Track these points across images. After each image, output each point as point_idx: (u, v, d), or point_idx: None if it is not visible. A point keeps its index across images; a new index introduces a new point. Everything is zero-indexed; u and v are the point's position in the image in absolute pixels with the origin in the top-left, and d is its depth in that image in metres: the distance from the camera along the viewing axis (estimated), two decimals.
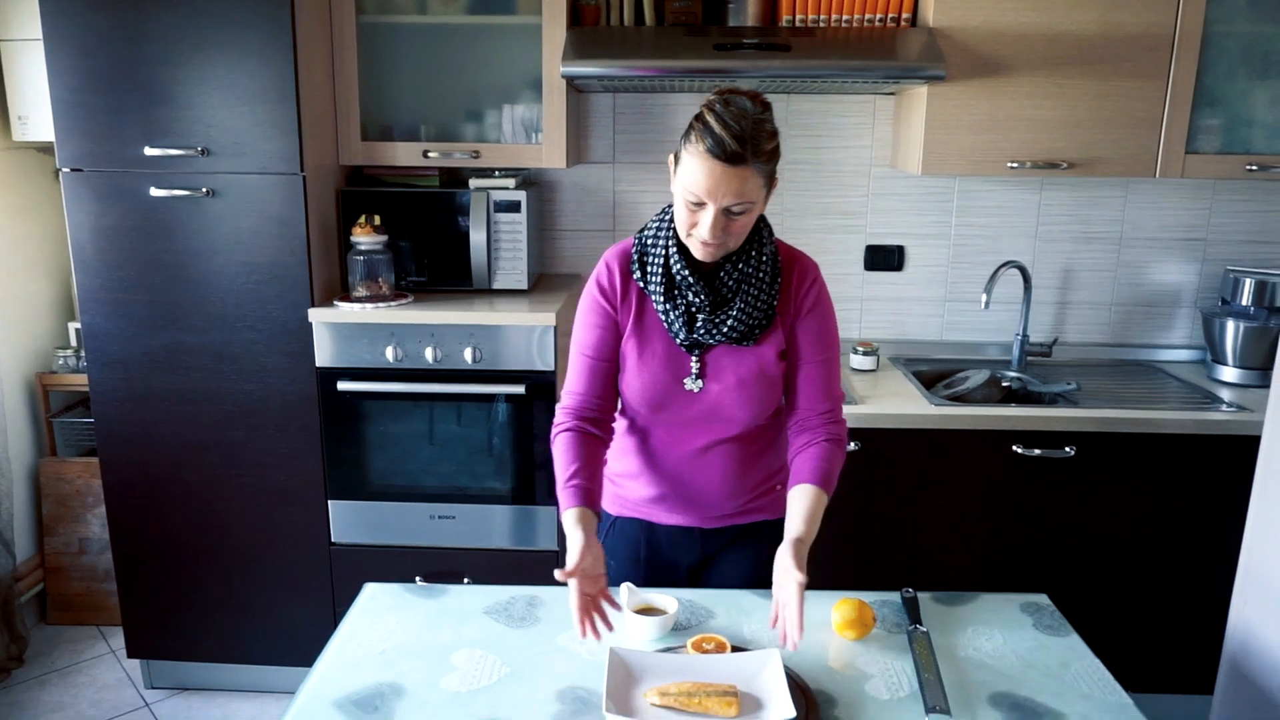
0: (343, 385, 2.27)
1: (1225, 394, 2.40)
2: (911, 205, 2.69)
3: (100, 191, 2.22)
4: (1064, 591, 2.32)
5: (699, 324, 1.48)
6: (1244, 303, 2.50)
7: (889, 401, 2.30)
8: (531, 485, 2.35)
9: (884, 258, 2.72)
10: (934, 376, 2.63)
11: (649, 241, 1.53)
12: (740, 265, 1.49)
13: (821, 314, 1.56)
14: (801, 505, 1.45)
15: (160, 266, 2.25)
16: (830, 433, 1.53)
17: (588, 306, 1.57)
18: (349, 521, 2.39)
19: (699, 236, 1.41)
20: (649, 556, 1.65)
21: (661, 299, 1.49)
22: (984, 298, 2.48)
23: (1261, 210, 2.65)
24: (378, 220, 2.33)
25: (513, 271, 2.42)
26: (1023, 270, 2.59)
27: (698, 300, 1.48)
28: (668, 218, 1.52)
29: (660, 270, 1.49)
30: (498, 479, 2.35)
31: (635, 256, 1.53)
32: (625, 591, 1.46)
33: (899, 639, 1.41)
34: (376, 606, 1.50)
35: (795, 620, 1.28)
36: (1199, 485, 2.25)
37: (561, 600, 1.52)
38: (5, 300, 2.75)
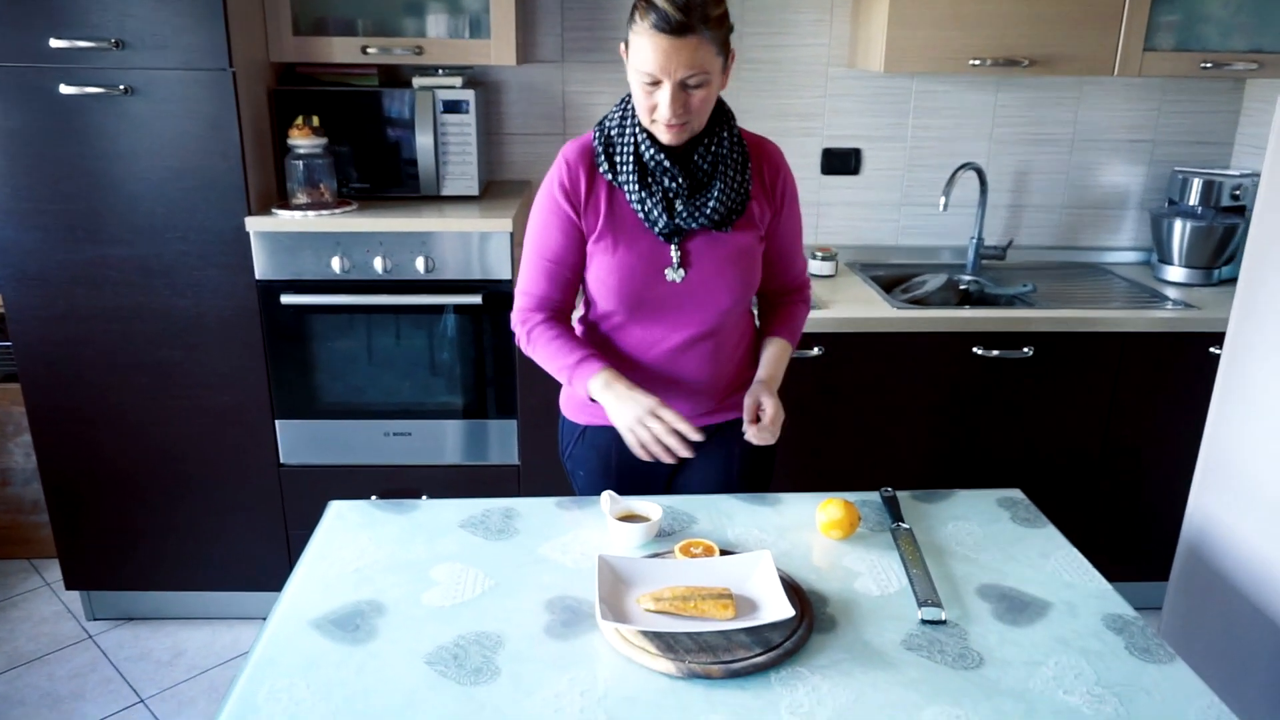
0: (286, 299, 2.14)
1: (1172, 293, 2.45)
2: (868, 107, 2.63)
3: (2, 89, 2.01)
4: (1029, 488, 2.37)
5: (679, 209, 1.43)
6: (1191, 203, 2.53)
7: (850, 306, 2.28)
8: (488, 399, 2.28)
9: (841, 161, 2.67)
10: (892, 281, 2.62)
11: (613, 132, 1.45)
12: (714, 147, 1.45)
13: (793, 202, 1.58)
14: (770, 353, 1.58)
15: (77, 173, 2.07)
16: (800, 295, 1.66)
17: (546, 208, 1.49)
18: (298, 441, 2.29)
19: (661, 119, 1.37)
20: (620, 465, 1.62)
21: (636, 188, 1.43)
22: (943, 200, 2.46)
23: (1208, 110, 2.67)
24: (316, 121, 2.17)
25: (462, 177, 2.30)
26: (979, 173, 2.58)
27: (675, 185, 1.42)
28: (629, 107, 1.45)
29: (630, 159, 1.43)
30: (454, 393, 2.27)
31: (600, 149, 1.46)
32: (607, 499, 1.42)
33: (883, 537, 1.41)
34: (344, 525, 1.44)
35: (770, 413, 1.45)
36: (1151, 381, 2.30)
37: (539, 511, 1.47)
38: None
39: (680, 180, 1.42)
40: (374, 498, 2.29)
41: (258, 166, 2.16)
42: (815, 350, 2.22)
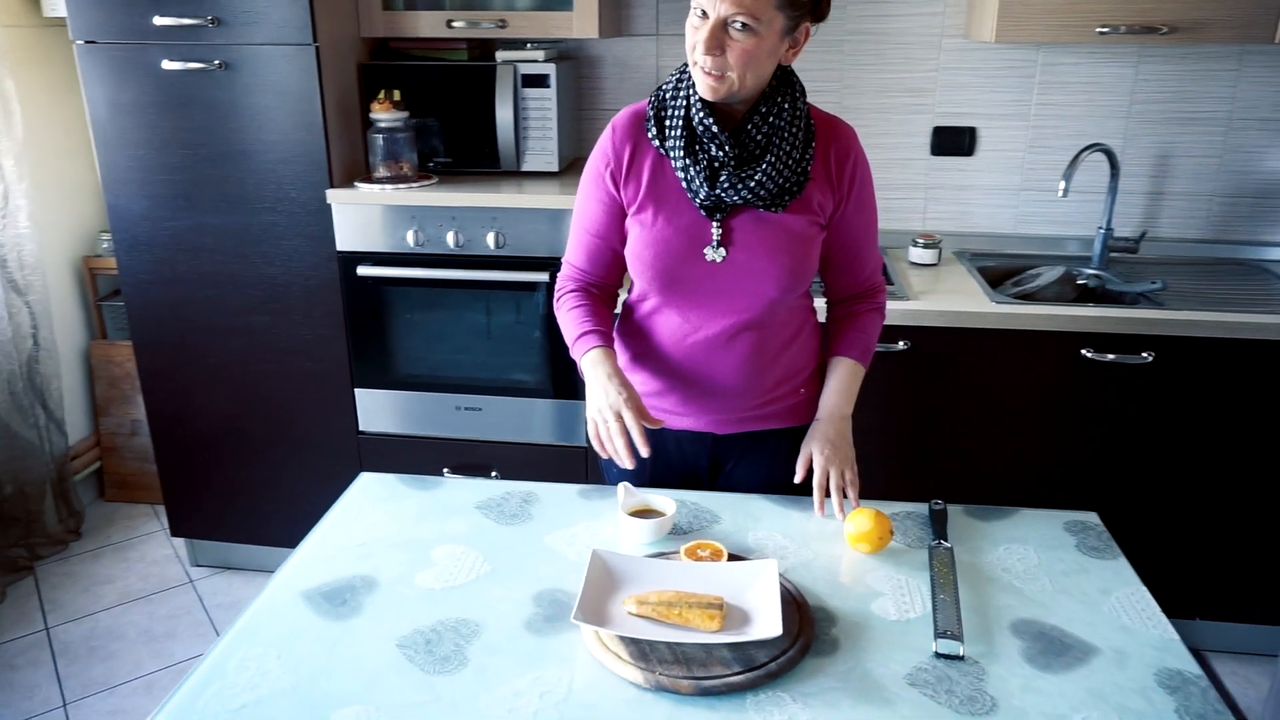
0: (362, 270, 2.18)
1: None
2: (986, 81, 2.40)
3: (114, 65, 2.13)
4: (1122, 512, 2.14)
5: (722, 180, 1.32)
6: None
7: (945, 298, 2.09)
8: (561, 379, 2.25)
9: (953, 141, 2.46)
10: (1002, 273, 2.39)
11: (667, 96, 1.36)
12: (771, 118, 1.32)
13: (865, 192, 1.42)
14: (835, 381, 1.45)
15: (179, 144, 2.17)
16: (872, 302, 1.50)
17: (589, 178, 1.42)
18: (376, 410, 2.34)
19: (698, 60, 1.26)
20: (656, 462, 1.52)
21: (681, 154, 1.33)
22: (1062, 185, 2.22)
23: None
24: (397, 95, 2.19)
25: (542, 152, 2.26)
26: (1110, 155, 2.30)
27: (721, 154, 1.31)
28: (687, 71, 1.34)
29: (680, 123, 1.33)
30: (524, 371, 2.25)
31: (651, 114, 1.37)
32: (621, 491, 1.35)
33: (919, 555, 1.28)
34: (367, 497, 1.44)
35: (846, 496, 1.35)
36: None
37: (559, 499, 1.42)
38: (49, 183, 2.73)
39: (728, 150, 1.31)
40: (446, 471, 2.33)
41: (343, 140, 2.20)
42: (900, 344, 2.05)
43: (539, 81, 2.20)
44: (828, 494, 1.37)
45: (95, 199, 2.91)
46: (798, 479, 1.39)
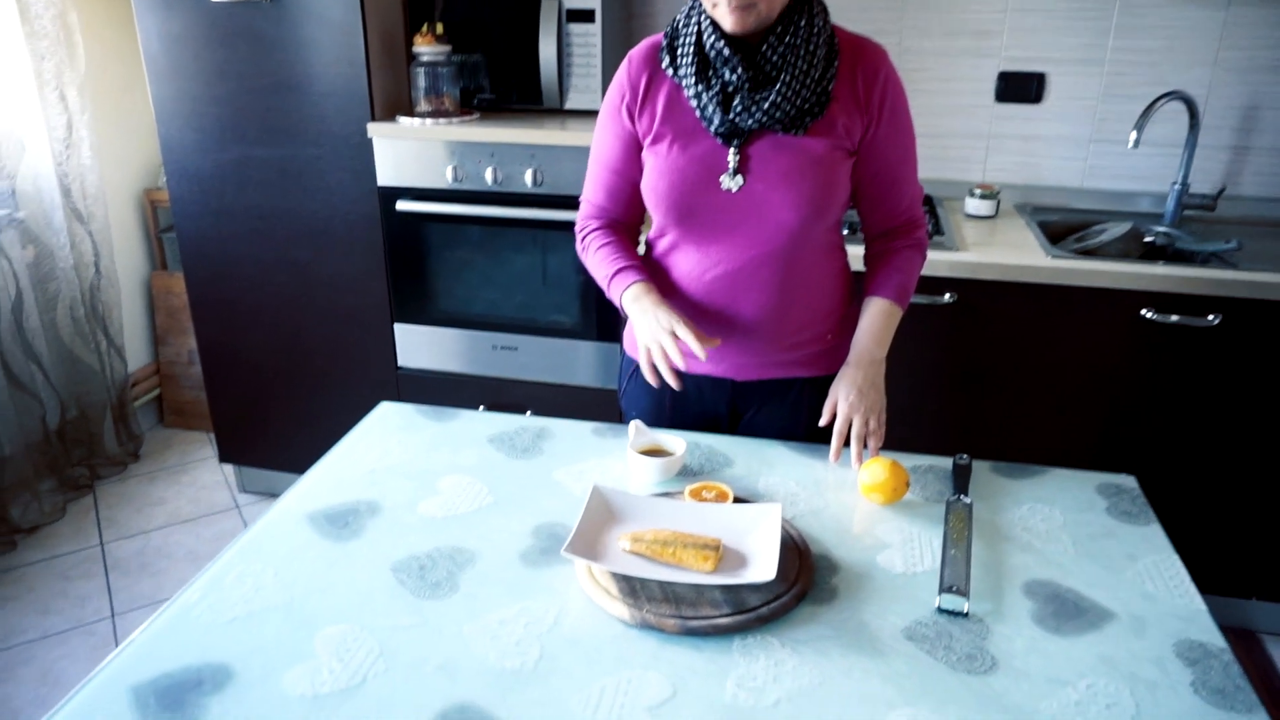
0: (402, 205, 2.18)
1: None
2: (1058, 24, 2.26)
3: None
4: (1174, 484, 2.03)
5: (736, 103, 1.26)
6: None
7: (998, 251, 1.99)
8: (598, 321, 2.22)
9: (1020, 87, 2.32)
10: (1064, 229, 2.27)
11: (680, 23, 1.30)
12: (786, 38, 1.24)
13: (898, 114, 1.32)
14: (867, 321, 1.38)
15: (226, 77, 2.19)
16: (910, 238, 1.40)
17: (606, 113, 1.38)
18: (415, 346, 2.35)
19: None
20: (675, 408, 1.49)
21: (693, 80, 1.28)
22: (1133, 135, 2.08)
23: None
24: (440, 29, 2.16)
25: (585, 90, 2.22)
26: (1190, 105, 2.15)
27: (735, 77, 1.25)
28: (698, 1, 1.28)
29: (691, 49, 1.27)
30: (562, 312, 2.23)
31: (665, 44, 1.32)
32: (632, 429, 1.32)
33: (936, 509, 1.22)
34: (383, 426, 1.44)
35: (866, 446, 1.29)
36: None
37: (572, 435, 1.41)
38: (112, 115, 2.79)
39: (740, 72, 1.24)
40: (481, 408, 2.33)
41: (386, 74, 2.19)
42: (947, 296, 1.97)
43: (584, 16, 2.15)
44: (848, 442, 1.32)
45: (155, 132, 2.95)
46: (822, 422, 1.34)
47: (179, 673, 0.92)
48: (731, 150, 1.29)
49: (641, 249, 1.47)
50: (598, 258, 1.40)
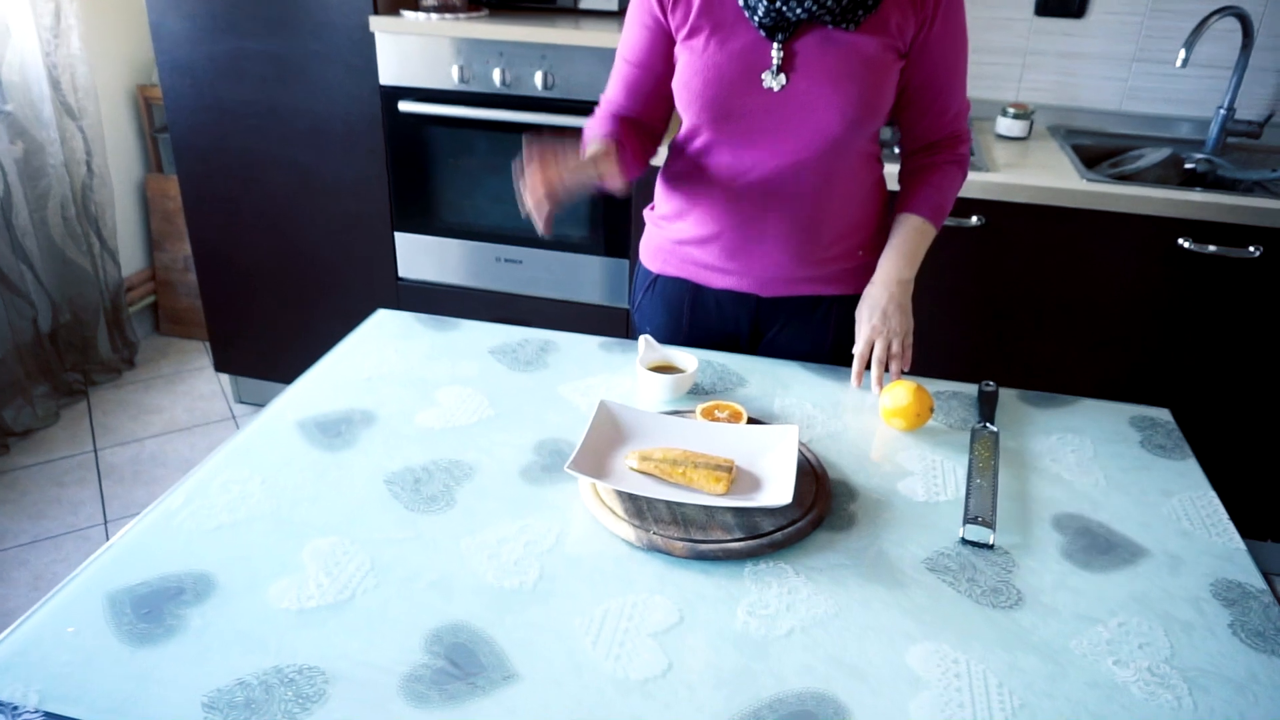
0: (404, 106, 2.07)
1: None
2: None
3: None
4: (1208, 421, 1.97)
5: None
6: None
7: (1030, 173, 1.89)
8: (601, 236, 2.14)
9: (1062, 0, 2.18)
10: (1099, 153, 2.16)
11: None
12: None
13: (955, 13, 1.22)
14: (898, 239, 1.29)
15: None
16: (953, 153, 1.31)
17: (635, 3, 1.27)
18: (416, 256, 2.27)
19: None
20: (693, 323, 1.42)
21: None
22: (1181, 54, 1.95)
23: None
24: None
25: None
26: (1244, 22, 2.02)
27: None
28: None
29: None
30: (569, 224, 2.14)
31: None
32: (642, 344, 1.25)
33: (960, 437, 1.16)
34: (380, 333, 1.38)
35: (889, 370, 1.24)
36: None
37: (578, 349, 1.34)
38: (100, 3, 2.65)
39: None
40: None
41: None
42: (974, 219, 1.88)
43: None
44: (870, 365, 1.25)
45: (147, 22, 2.82)
46: (854, 350, 1.27)
47: (158, 581, 0.87)
48: (775, 45, 1.18)
49: (660, 157, 1.38)
50: (588, 129, 1.29)
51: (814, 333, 1.38)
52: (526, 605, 0.86)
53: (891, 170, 1.37)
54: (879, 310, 1.26)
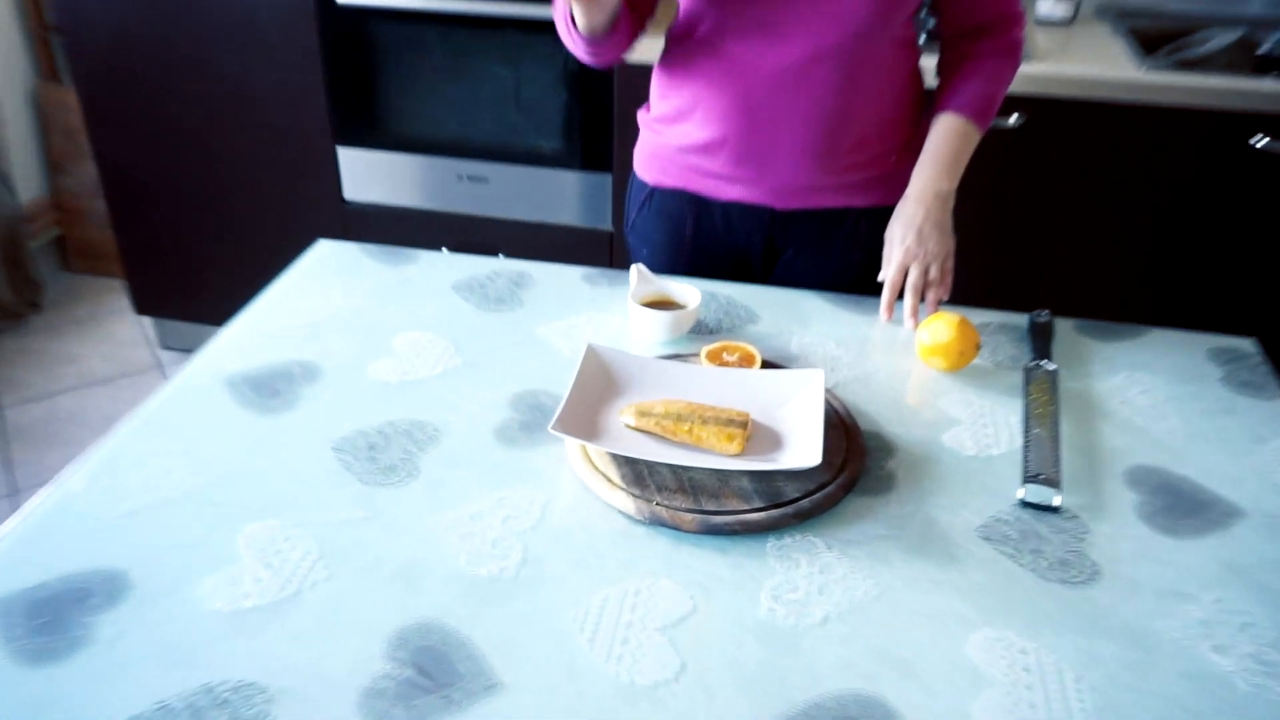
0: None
1: None
2: None
3: None
4: None
5: None
6: None
7: (1077, 63, 1.80)
8: (587, 147, 2.04)
9: None
10: (1158, 37, 2.07)
11: None
12: None
13: None
14: (935, 141, 1.22)
15: None
16: (1004, 39, 1.23)
17: None
18: (363, 175, 2.17)
19: None
20: (697, 243, 1.36)
21: None
22: None
23: None
24: None
25: None
26: None
27: None
28: None
29: None
30: (542, 135, 2.05)
31: None
32: (635, 276, 1.18)
33: (1012, 378, 1.10)
34: (323, 269, 1.29)
35: (926, 299, 1.17)
36: None
37: (559, 282, 1.27)
38: None
39: None
40: (444, 250, 2.18)
41: None
42: (1013, 118, 1.80)
43: None
44: (903, 295, 1.19)
45: None
46: (882, 276, 1.21)
47: (58, 583, 0.80)
48: None
49: (653, 51, 1.28)
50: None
51: (838, 254, 1.32)
52: (509, 597, 0.80)
53: (930, 63, 1.29)
54: (914, 229, 1.19)
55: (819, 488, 0.90)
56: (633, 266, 1.19)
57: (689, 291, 1.17)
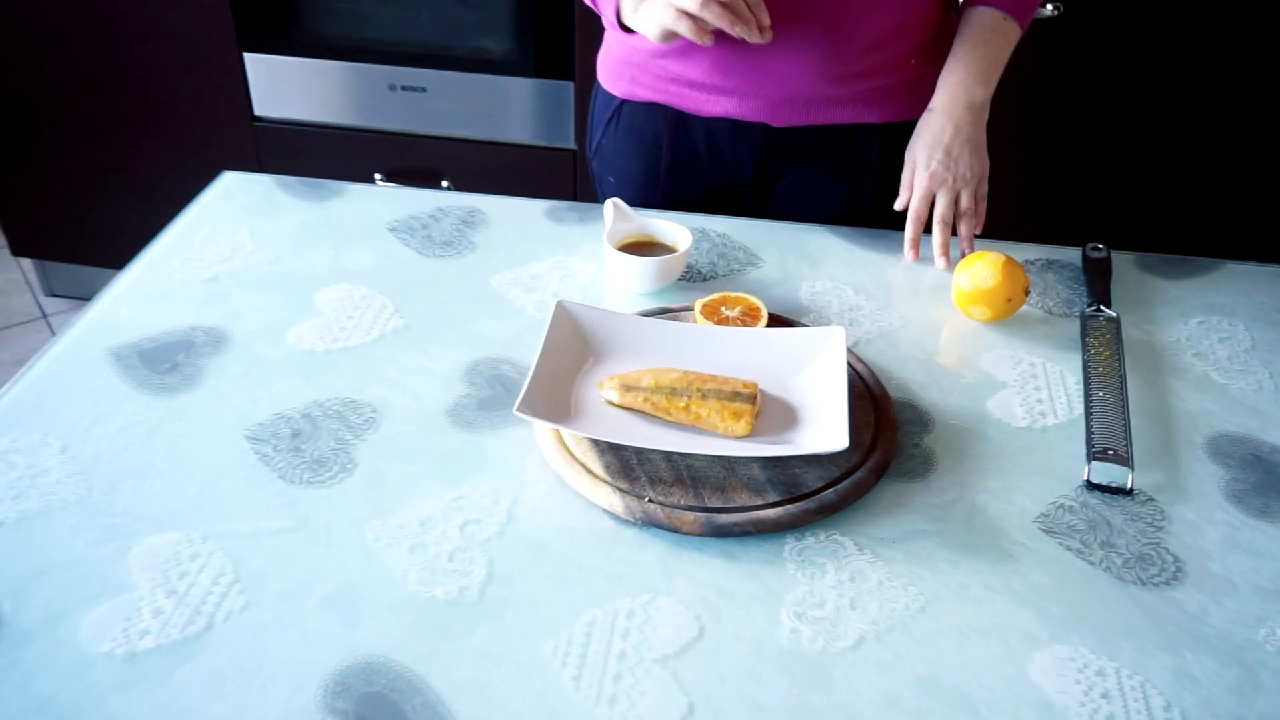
0: None
1: None
2: None
3: None
4: None
5: None
6: None
7: None
8: (543, 48, 1.96)
9: None
10: None
11: None
12: None
13: None
14: (966, 42, 1.16)
15: None
16: None
17: None
18: (276, 87, 2.09)
19: None
20: (675, 171, 1.29)
21: None
22: None
23: None
24: None
25: None
26: None
27: None
28: None
29: None
30: (490, 35, 1.97)
31: None
32: (610, 213, 1.10)
33: (1066, 327, 1.05)
34: (228, 208, 1.21)
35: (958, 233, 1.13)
36: None
37: (518, 219, 1.20)
38: None
39: None
40: (378, 179, 2.11)
41: None
42: (1048, 8, 1.75)
43: None
44: (930, 229, 1.14)
45: None
46: (899, 204, 1.16)
47: None
48: None
49: None
50: None
51: (847, 181, 1.27)
52: (472, 625, 0.73)
53: None
54: (941, 148, 1.13)
55: (845, 474, 0.83)
56: (608, 201, 1.11)
57: (677, 231, 1.09)
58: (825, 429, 0.85)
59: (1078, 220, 1.93)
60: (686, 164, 1.28)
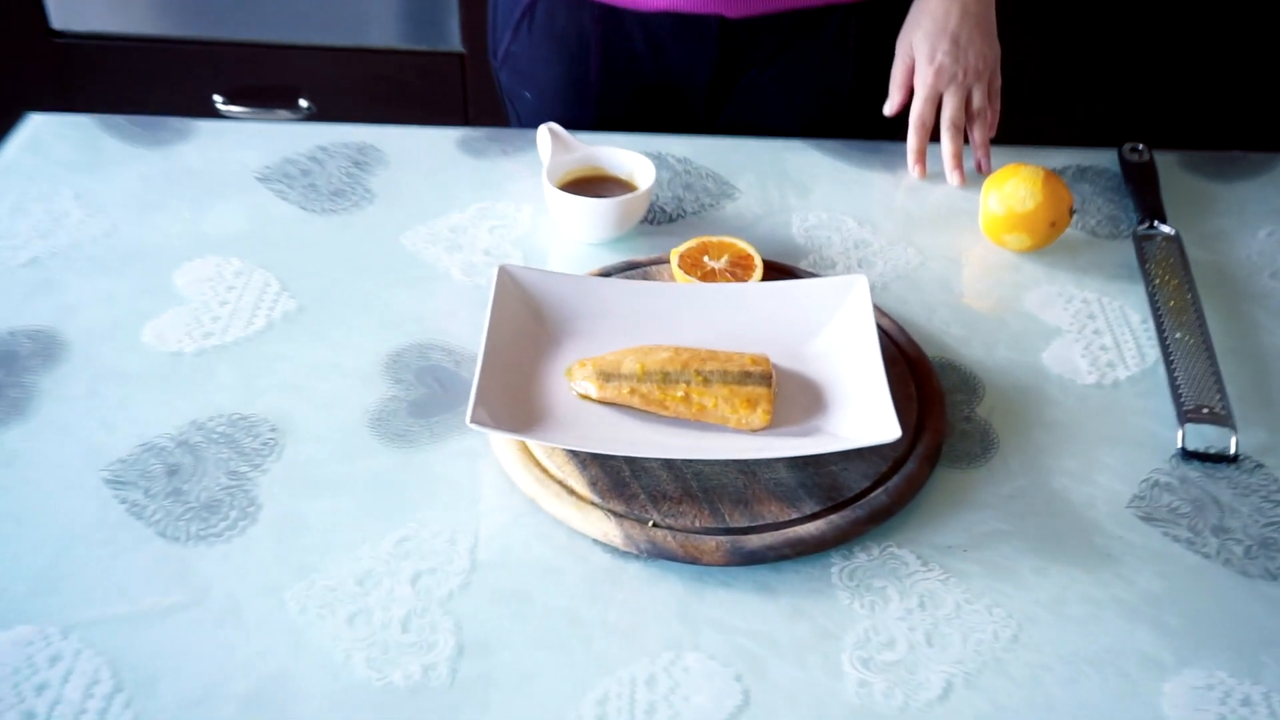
0: None
1: None
2: None
3: None
4: None
5: None
6: None
7: None
8: None
9: None
10: None
11: None
12: None
13: None
14: None
15: None
16: None
17: None
18: None
19: None
20: (606, 81, 1.22)
21: None
22: None
23: None
24: None
25: None
26: None
27: None
28: None
29: None
30: None
31: None
32: (546, 140, 1.01)
33: (1118, 250, 1.00)
34: (42, 163, 1.09)
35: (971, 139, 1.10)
36: None
37: (415, 155, 1.11)
38: None
39: None
40: (217, 101, 1.95)
41: None
42: None
43: None
44: (936, 137, 1.07)
45: None
46: (889, 109, 1.11)
47: None
48: None
49: None
50: None
51: (822, 72, 1.21)
52: (446, 717, 0.62)
53: None
54: (946, 36, 1.07)
55: (894, 467, 0.74)
56: (542, 127, 1.01)
57: (633, 160, 1.00)
58: (863, 410, 0.76)
59: (1107, 114, 1.91)
60: (623, 71, 1.20)
